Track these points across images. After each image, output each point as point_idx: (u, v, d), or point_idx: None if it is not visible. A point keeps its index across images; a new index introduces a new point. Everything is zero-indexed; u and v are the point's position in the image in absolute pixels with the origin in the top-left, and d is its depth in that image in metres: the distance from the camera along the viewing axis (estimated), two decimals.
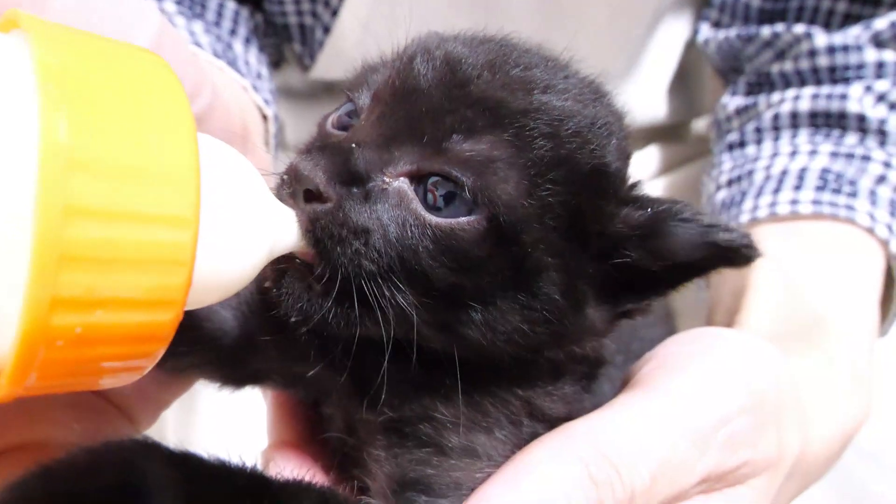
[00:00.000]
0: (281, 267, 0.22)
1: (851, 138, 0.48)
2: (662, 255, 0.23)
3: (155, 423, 0.30)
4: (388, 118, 0.23)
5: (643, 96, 0.64)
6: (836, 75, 0.51)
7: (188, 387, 0.30)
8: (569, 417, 0.24)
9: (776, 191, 0.46)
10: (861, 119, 0.48)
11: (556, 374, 0.25)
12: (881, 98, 0.49)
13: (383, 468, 0.23)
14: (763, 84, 0.56)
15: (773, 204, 0.45)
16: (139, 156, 0.15)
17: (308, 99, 0.67)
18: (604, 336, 0.26)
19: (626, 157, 0.26)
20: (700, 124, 0.75)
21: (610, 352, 0.28)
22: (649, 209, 0.23)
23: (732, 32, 0.58)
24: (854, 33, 0.51)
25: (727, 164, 0.53)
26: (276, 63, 0.64)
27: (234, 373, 0.28)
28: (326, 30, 0.58)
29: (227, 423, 0.51)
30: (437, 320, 0.22)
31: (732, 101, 0.57)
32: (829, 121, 0.50)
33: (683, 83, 0.68)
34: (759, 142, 0.52)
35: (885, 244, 0.42)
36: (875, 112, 0.48)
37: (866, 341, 0.39)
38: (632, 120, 0.66)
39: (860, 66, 0.50)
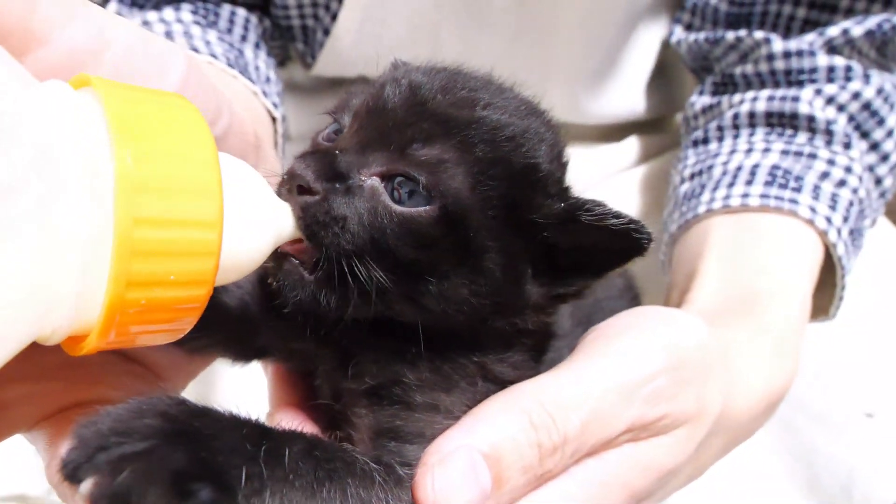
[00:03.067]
0: (278, 263, 0.27)
1: (801, 137, 0.53)
2: (575, 238, 0.28)
3: (184, 390, 0.36)
4: (363, 130, 0.29)
5: (621, 93, 0.68)
6: (791, 78, 0.56)
7: (210, 362, 0.36)
8: (519, 380, 0.29)
9: (731, 185, 0.51)
10: (811, 120, 0.53)
11: (507, 344, 0.30)
12: (830, 100, 0.53)
13: (363, 422, 0.28)
14: (727, 84, 0.60)
15: (726, 197, 0.50)
16: (179, 177, 0.21)
17: (310, 93, 0.72)
18: (545, 313, 0.31)
19: (559, 162, 0.31)
20: (679, 117, 0.80)
21: (562, 327, 0.33)
22: (565, 202, 0.28)
23: (701, 35, 0.62)
24: (809, 39, 0.55)
25: (691, 160, 0.57)
26: (281, 61, 0.68)
27: (243, 350, 0.34)
28: (326, 32, 0.62)
29: (237, 394, 0.56)
30: (402, 292, 0.27)
31: (699, 101, 0.61)
32: (783, 121, 0.54)
33: (663, 79, 0.72)
34: (720, 139, 0.57)
35: (823, 234, 0.47)
36: (824, 114, 0.53)
37: (796, 316, 0.43)
38: (609, 115, 0.70)
39: (813, 70, 0.55)
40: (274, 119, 0.54)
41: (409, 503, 0.25)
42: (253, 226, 0.24)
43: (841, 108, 0.53)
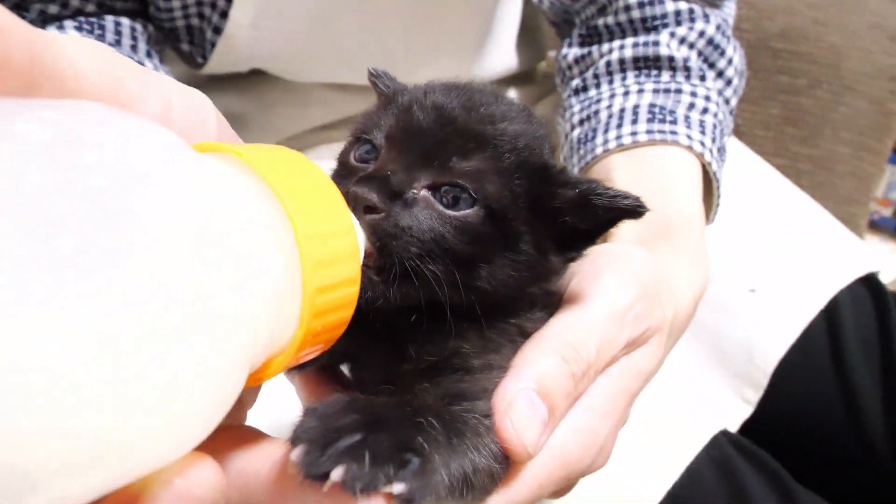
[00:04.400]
0: None
1: (665, 76, 0.63)
2: (588, 218, 0.35)
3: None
4: (405, 151, 0.33)
5: (498, 52, 0.75)
6: (647, 25, 0.65)
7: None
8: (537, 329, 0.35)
9: (619, 126, 0.59)
10: (671, 59, 0.63)
11: (532, 305, 0.36)
12: (682, 41, 0.63)
13: (429, 394, 0.33)
14: (592, 35, 0.68)
15: (618, 137, 0.58)
16: (336, 247, 0.25)
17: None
18: (559, 275, 0.37)
19: (552, 152, 0.37)
20: (542, 65, 0.89)
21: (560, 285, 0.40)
22: (577, 189, 0.34)
23: None
24: None
25: (576, 107, 0.66)
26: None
27: None
28: (217, 30, 0.61)
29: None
30: (460, 280, 0.32)
31: (570, 52, 0.69)
32: (648, 63, 0.64)
33: (527, 34, 0.80)
34: (597, 85, 0.66)
35: (700, 156, 0.57)
36: (679, 53, 0.63)
37: (700, 230, 0.53)
38: (493, 73, 0.76)
39: (664, 16, 0.64)
40: None
41: (496, 443, 0.31)
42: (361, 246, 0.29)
43: (691, 46, 0.64)
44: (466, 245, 0.32)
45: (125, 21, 0.59)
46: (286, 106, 0.72)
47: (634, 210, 0.34)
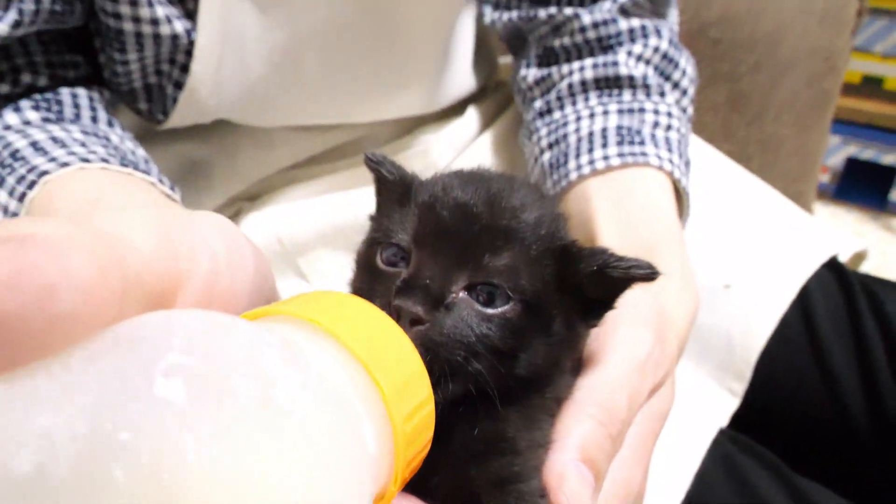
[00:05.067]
0: None
1: (627, 95, 0.64)
2: (605, 289, 0.36)
3: None
4: (438, 255, 0.33)
5: (459, 74, 0.75)
6: (604, 44, 0.66)
7: None
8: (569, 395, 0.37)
9: (590, 150, 0.61)
10: (631, 79, 0.64)
11: (563, 373, 0.37)
12: (639, 58, 0.65)
13: (482, 479, 0.33)
14: (550, 57, 0.70)
15: (591, 161, 0.60)
16: (401, 364, 0.26)
17: (150, 145, 0.68)
18: (585, 342, 0.38)
19: (567, 228, 0.38)
20: (493, 78, 0.89)
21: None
22: (595, 266, 0.35)
23: (514, 14, 0.71)
24: (606, 7, 0.66)
25: (543, 130, 0.67)
26: None
27: None
28: (178, 85, 0.60)
29: None
30: (502, 370, 0.33)
31: (530, 73, 0.70)
32: (609, 83, 0.65)
33: (481, 52, 0.80)
34: (561, 108, 0.67)
35: (670, 174, 0.59)
36: (637, 70, 0.64)
37: (684, 251, 0.55)
38: (453, 97, 0.77)
39: (618, 35, 0.66)
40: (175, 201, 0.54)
41: None
42: None
43: (647, 63, 0.65)
44: (508, 339, 0.33)
45: (81, 91, 0.57)
46: (250, 150, 0.71)
47: (648, 278, 0.35)
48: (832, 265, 0.70)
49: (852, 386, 0.63)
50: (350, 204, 0.68)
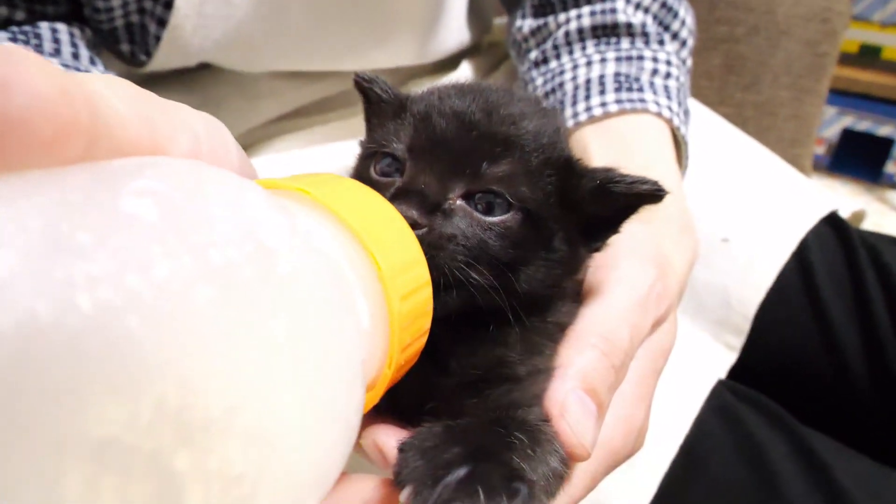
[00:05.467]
0: None
1: (625, 42, 0.63)
2: (609, 206, 0.34)
3: None
4: (434, 162, 0.32)
5: (451, 28, 0.74)
6: None
7: None
8: (571, 322, 0.35)
9: (587, 97, 0.59)
10: (629, 26, 0.62)
11: (565, 298, 0.36)
12: (637, 6, 0.63)
13: (480, 406, 0.32)
14: (546, 6, 0.68)
15: (588, 108, 0.58)
16: (399, 246, 0.24)
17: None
18: (587, 265, 0.37)
19: (568, 143, 0.37)
20: (486, 38, 0.88)
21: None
22: (597, 179, 0.33)
23: None
24: None
25: (539, 80, 0.65)
26: None
27: None
28: (161, 22, 0.58)
29: None
30: (502, 285, 0.31)
31: (525, 24, 0.69)
32: (606, 31, 0.63)
33: (474, 5, 0.79)
34: (558, 56, 0.65)
35: (669, 121, 0.58)
36: (636, 18, 0.63)
37: (682, 197, 0.54)
38: (446, 50, 0.75)
39: None
40: None
41: (560, 446, 0.31)
42: None
43: (646, 11, 0.64)
44: (508, 249, 0.32)
45: (61, 27, 0.55)
46: (235, 100, 0.69)
47: (653, 194, 0.34)
48: (831, 221, 0.69)
49: (852, 339, 0.62)
50: (340, 156, 0.66)
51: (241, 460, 0.14)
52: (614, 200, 0.34)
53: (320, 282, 0.19)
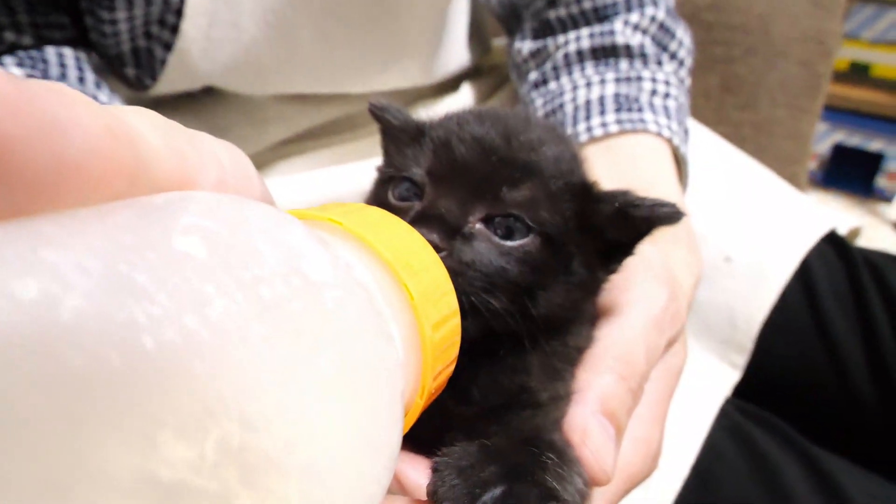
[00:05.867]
0: None
1: (624, 64, 0.64)
2: (627, 231, 0.34)
3: None
4: (454, 186, 0.32)
5: (453, 49, 0.75)
6: (600, 14, 0.66)
7: None
8: (587, 345, 0.35)
9: (587, 118, 0.60)
10: (627, 48, 0.63)
11: (583, 321, 0.36)
12: (636, 27, 0.64)
13: (504, 435, 0.32)
14: (545, 28, 0.69)
15: (588, 129, 0.59)
16: (428, 273, 0.24)
17: None
18: (603, 287, 0.37)
19: (584, 167, 0.37)
20: (487, 60, 0.89)
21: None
22: (616, 204, 0.34)
23: None
24: None
25: (539, 101, 0.66)
26: None
27: None
28: (168, 47, 0.58)
29: None
30: (520, 310, 0.31)
31: (525, 46, 0.70)
32: (606, 52, 0.64)
33: (474, 27, 0.80)
34: (557, 78, 0.66)
35: (669, 141, 0.59)
36: (634, 40, 0.64)
37: (687, 215, 0.55)
38: (448, 71, 0.76)
39: (615, 5, 0.65)
40: None
41: (583, 470, 0.31)
42: None
43: (644, 32, 0.65)
44: (527, 274, 0.32)
45: (67, 52, 0.56)
46: (242, 125, 0.69)
47: (671, 218, 0.34)
48: (831, 239, 0.70)
49: (856, 357, 0.62)
50: (346, 179, 0.67)
51: (297, 499, 0.15)
52: (633, 224, 0.34)
53: (363, 314, 0.19)
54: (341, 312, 0.18)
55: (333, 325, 0.17)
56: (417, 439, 0.33)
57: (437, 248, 0.30)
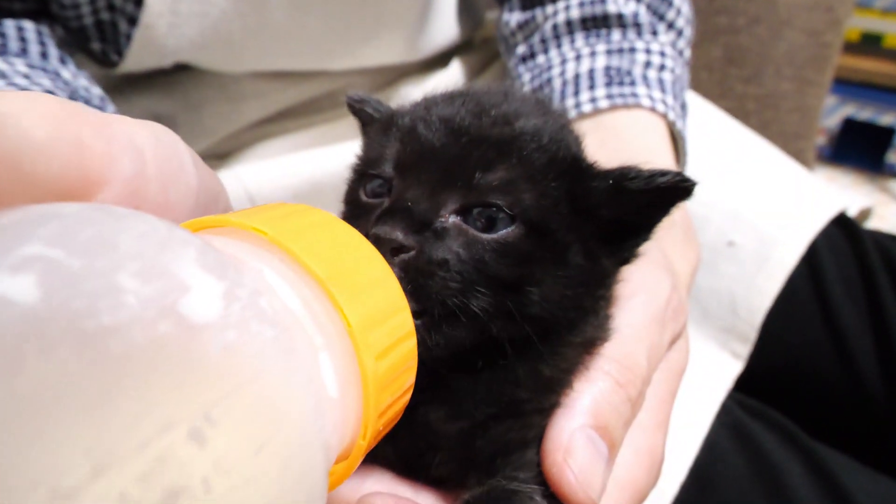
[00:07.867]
0: None
1: (616, 34, 0.60)
2: (628, 208, 0.30)
3: None
4: (421, 176, 0.28)
5: (441, 24, 0.71)
6: None
7: None
8: (601, 339, 0.31)
9: (576, 93, 0.56)
10: (620, 17, 0.60)
11: (596, 311, 0.31)
12: None
13: (484, 451, 0.29)
14: (534, 0, 0.65)
15: (577, 105, 0.56)
16: (375, 289, 0.21)
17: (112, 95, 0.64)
18: (615, 279, 0.33)
19: (579, 143, 0.33)
20: (479, 34, 0.85)
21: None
22: (610, 180, 0.29)
23: None
24: None
25: (526, 76, 0.62)
26: None
27: None
28: (132, 21, 0.55)
29: None
30: (508, 309, 0.28)
31: (512, 18, 0.66)
32: (597, 23, 0.60)
33: (465, 4, 0.76)
34: (545, 51, 0.62)
35: (664, 116, 0.55)
36: (627, 8, 0.60)
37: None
38: (436, 46, 0.73)
39: None
40: None
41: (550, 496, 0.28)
42: None
43: (639, 0, 0.61)
44: (511, 269, 0.28)
45: (28, 25, 0.53)
46: (217, 103, 0.66)
47: (678, 187, 0.29)
48: (840, 221, 0.66)
49: (864, 346, 0.59)
50: (327, 160, 0.64)
51: None
52: (633, 200, 0.30)
53: (265, 358, 0.16)
54: (229, 361, 0.14)
55: (215, 376, 0.14)
56: (402, 461, 0.30)
57: (403, 248, 0.27)
